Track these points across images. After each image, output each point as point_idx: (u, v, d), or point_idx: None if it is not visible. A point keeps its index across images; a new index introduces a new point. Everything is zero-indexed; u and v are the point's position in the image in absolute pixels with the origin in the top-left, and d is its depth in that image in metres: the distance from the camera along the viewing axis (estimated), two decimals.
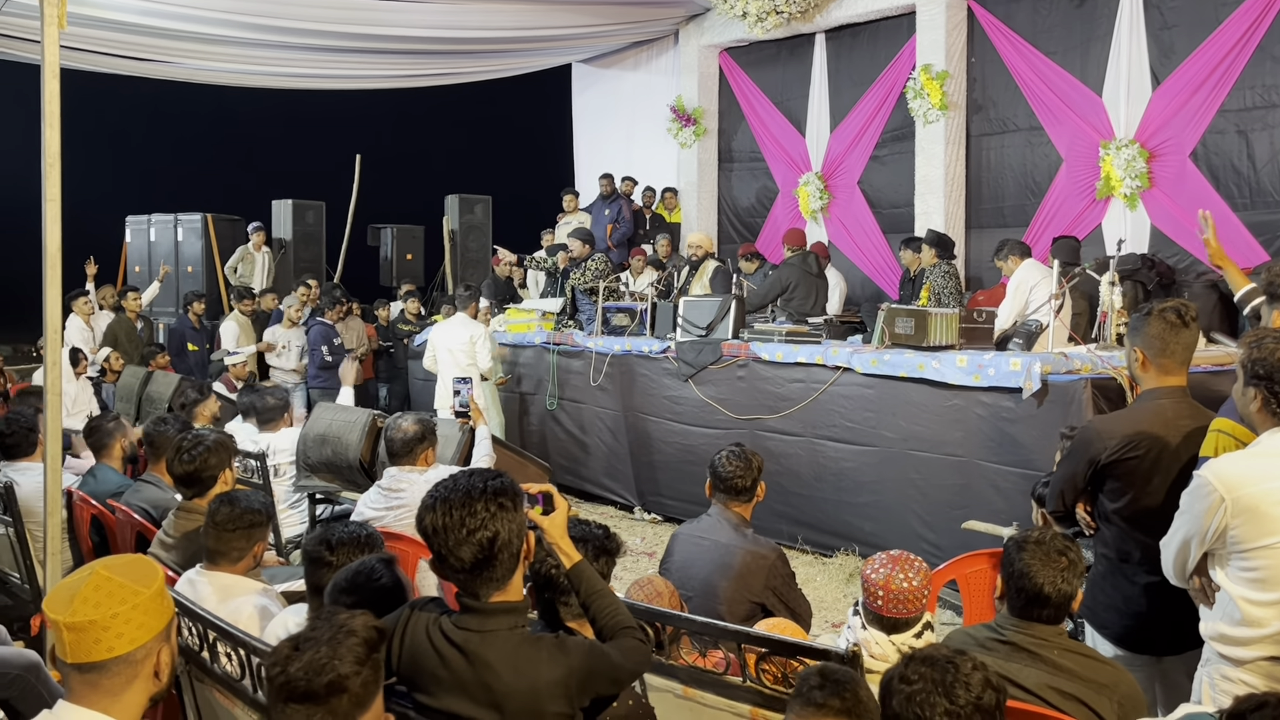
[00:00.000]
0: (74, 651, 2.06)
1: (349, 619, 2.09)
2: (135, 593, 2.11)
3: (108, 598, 2.08)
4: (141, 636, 2.11)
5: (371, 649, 2.06)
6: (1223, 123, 8.47)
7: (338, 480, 5.73)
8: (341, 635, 2.04)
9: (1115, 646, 3.27)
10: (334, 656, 2.00)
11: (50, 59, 3.89)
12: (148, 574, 2.19)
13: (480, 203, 14.22)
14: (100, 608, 2.07)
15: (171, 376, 8.12)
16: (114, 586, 2.10)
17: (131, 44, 10.35)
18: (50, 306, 3.91)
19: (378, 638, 2.10)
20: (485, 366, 8.37)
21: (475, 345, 8.27)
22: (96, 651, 2.06)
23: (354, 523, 3.20)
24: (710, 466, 4.01)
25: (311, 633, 2.06)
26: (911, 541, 6.08)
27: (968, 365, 5.99)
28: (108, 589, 2.09)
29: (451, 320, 8.60)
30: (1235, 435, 2.94)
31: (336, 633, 2.04)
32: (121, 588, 2.11)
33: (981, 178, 10.24)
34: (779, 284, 8.33)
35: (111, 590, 2.10)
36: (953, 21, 10.06)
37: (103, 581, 2.10)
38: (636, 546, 7.40)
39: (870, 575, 3.09)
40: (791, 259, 8.59)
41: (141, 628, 2.11)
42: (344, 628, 2.06)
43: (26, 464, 4.96)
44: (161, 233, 13.34)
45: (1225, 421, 3.00)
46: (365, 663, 2.04)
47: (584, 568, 2.49)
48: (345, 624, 2.07)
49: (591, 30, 12.25)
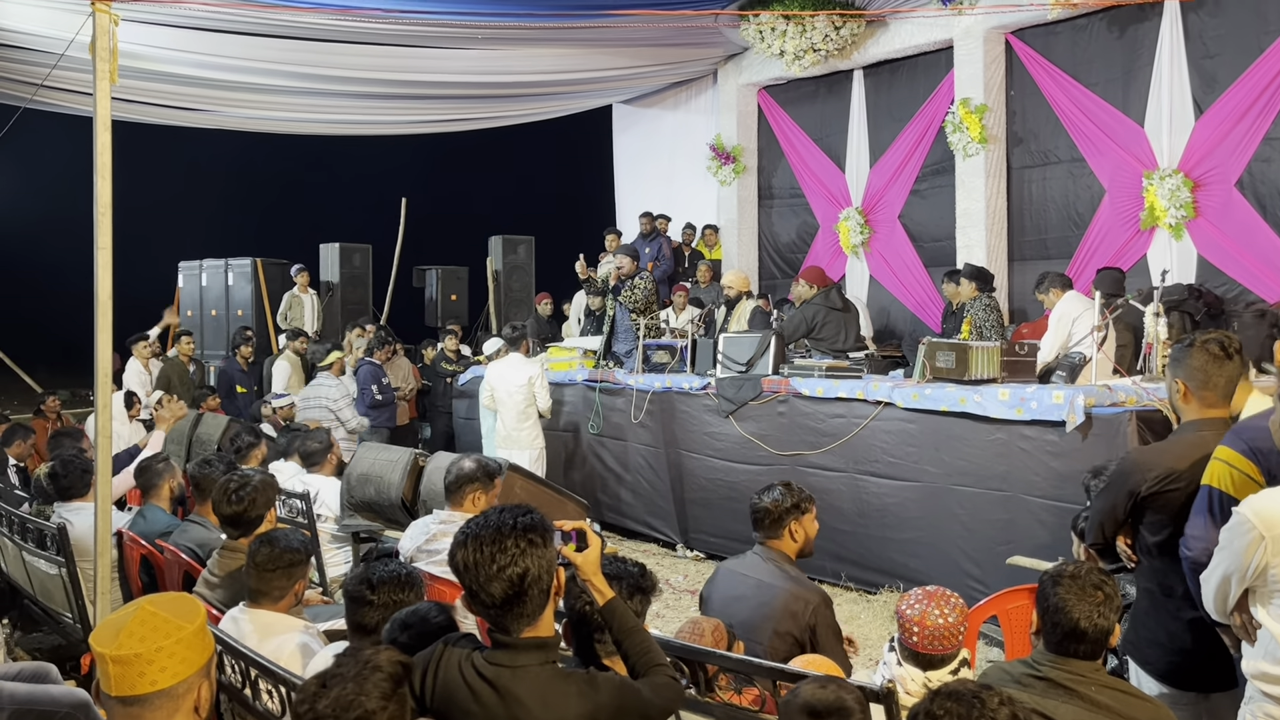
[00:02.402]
0: (118, 684, 2.11)
1: (374, 654, 2.13)
2: (179, 628, 2.17)
3: (152, 632, 2.13)
4: (184, 671, 2.16)
5: (397, 684, 2.10)
6: (1268, 150, 8.36)
7: (380, 519, 5.80)
8: (367, 671, 2.07)
9: (1160, 684, 3.21)
10: (360, 693, 2.05)
11: (102, 112, 4.04)
12: (191, 611, 2.24)
13: (523, 243, 14.40)
14: (145, 642, 2.12)
15: (220, 418, 8.25)
16: (159, 621, 2.15)
17: (180, 94, 10.64)
18: (101, 351, 4.03)
19: (402, 673, 2.14)
20: (545, 406, 8.47)
21: (534, 386, 8.38)
22: (140, 685, 2.11)
23: (395, 562, 3.25)
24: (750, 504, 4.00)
25: (338, 669, 2.11)
26: (956, 577, 6.01)
27: (1010, 399, 5.94)
28: (153, 624, 2.15)
29: (507, 361, 8.60)
30: (1234, 465, 2.89)
31: (362, 669, 2.08)
32: (166, 623, 2.16)
33: (1023, 210, 10.19)
34: (803, 324, 8.16)
35: (156, 625, 2.15)
36: (991, 55, 10.06)
37: (148, 616, 2.16)
38: (679, 584, 7.38)
39: (906, 611, 3.07)
40: (814, 298, 8.42)
41: (184, 662, 2.16)
42: (369, 663, 2.09)
43: (80, 504, 5.07)
44: (213, 277, 13.63)
45: (1226, 451, 2.94)
46: (391, 698, 2.08)
47: (617, 605, 2.50)
48: (370, 660, 2.11)
49: (631, 72, 12.41)
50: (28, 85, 9.14)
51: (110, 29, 4.11)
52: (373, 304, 14.22)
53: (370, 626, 3.01)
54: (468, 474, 4.70)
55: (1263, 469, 2.82)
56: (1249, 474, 2.84)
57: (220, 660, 3.17)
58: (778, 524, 3.89)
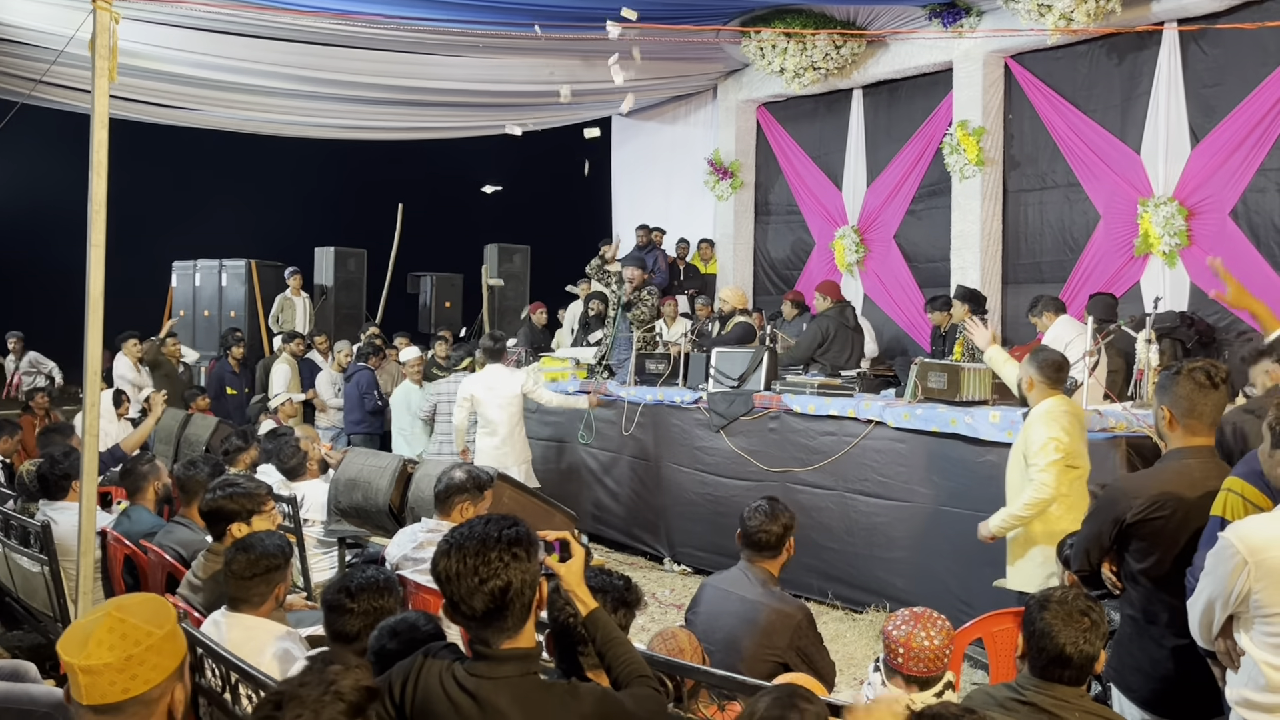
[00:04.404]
0: (89, 694, 2.04)
1: (339, 677, 2.02)
2: (149, 634, 2.10)
3: (122, 640, 2.06)
4: (156, 677, 2.10)
5: (356, 712, 2.01)
6: (1263, 181, 8.40)
7: (367, 525, 5.77)
8: (328, 698, 1.98)
9: (1142, 710, 3.21)
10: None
11: (100, 109, 4.03)
12: (161, 614, 2.17)
13: (519, 252, 14.41)
14: (115, 650, 2.05)
15: (210, 419, 8.24)
16: (128, 628, 2.08)
17: (179, 94, 10.64)
18: (91, 349, 4.01)
19: (364, 700, 2.04)
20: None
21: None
22: (112, 694, 2.05)
23: (371, 568, 3.23)
24: (740, 520, 3.98)
25: (299, 688, 2.01)
26: (943, 599, 6.00)
27: (1000, 421, 5.94)
28: (122, 631, 2.08)
29: (489, 373, 8.00)
30: (1245, 496, 2.88)
31: (323, 693, 1.99)
32: (136, 629, 2.09)
33: (1019, 233, 10.23)
34: (817, 336, 8.28)
35: (126, 632, 2.08)
36: (990, 78, 10.11)
37: (116, 624, 2.08)
38: (666, 598, 7.36)
39: (892, 632, 3.07)
40: (829, 311, 8.55)
41: (156, 669, 2.10)
42: (332, 687, 2.00)
43: (65, 503, 5.05)
44: (206, 278, 13.60)
45: (1236, 481, 2.94)
46: None
47: (600, 616, 2.49)
48: (334, 684, 2.01)
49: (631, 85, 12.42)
50: (26, 81, 9.13)
51: (111, 27, 4.10)
52: (366, 309, 14.21)
53: (351, 634, 2.98)
54: (458, 485, 4.67)
55: (1272, 497, 2.82)
56: (1258, 503, 2.84)
57: (201, 663, 3.15)
58: (778, 545, 3.89)
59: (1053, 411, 4.76)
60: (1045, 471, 4.65)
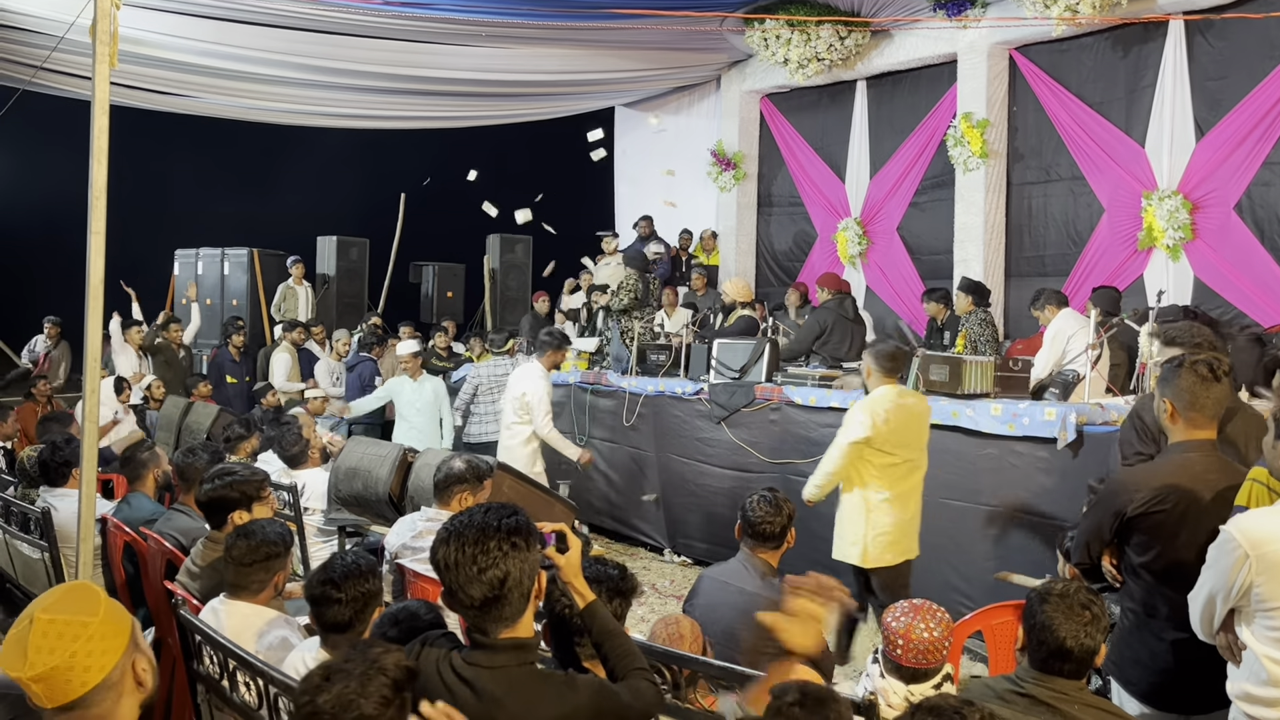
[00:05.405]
0: (49, 698, 1.99)
1: (382, 654, 2.11)
2: (84, 625, 2.01)
3: (58, 640, 1.98)
4: (109, 661, 2.03)
5: (399, 689, 2.09)
6: (1268, 175, 8.38)
7: (367, 513, 5.77)
8: (372, 672, 2.07)
9: (1141, 704, 3.20)
10: (361, 694, 2.04)
11: (100, 96, 4.01)
12: (88, 601, 2.07)
13: (521, 242, 14.39)
14: (56, 653, 1.97)
15: (211, 407, 8.23)
16: (60, 627, 2.00)
17: (182, 82, 10.61)
18: (91, 336, 3.99)
19: (406, 678, 2.12)
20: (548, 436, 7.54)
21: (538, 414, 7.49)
22: (71, 691, 1.99)
23: (349, 553, 3.19)
24: (741, 510, 3.96)
25: (345, 664, 2.10)
26: (944, 592, 5.99)
27: (1002, 414, 5.94)
28: (55, 631, 1.99)
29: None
30: (1270, 485, 2.88)
31: (368, 668, 2.07)
32: (68, 625, 2.00)
33: (1022, 226, 10.20)
34: (815, 328, 8.28)
35: (59, 631, 1.99)
36: (994, 70, 10.07)
37: (47, 626, 2.00)
38: (665, 589, 7.36)
39: (891, 624, 3.06)
40: (828, 303, 8.54)
41: (105, 653, 2.02)
42: (376, 663, 2.09)
43: (66, 490, 5.05)
44: (209, 266, 13.57)
45: (1261, 471, 2.93)
46: (390, 704, 2.06)
47: (597, 608, 2.48)
48: (378, 660, 2.10)
49: (635, 75, 12.41)
50: (27, 67, 9.11)
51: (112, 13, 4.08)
52: (368, 298, 14.19)
53: (343, 623, 2.96)
54: (457, 475, 4.66)
55: None
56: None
57: (199, 650, 3.14)
58: (781, 536, 3.89)
59: (877, 398, 5.25)
60: (836, 446, 5.32)
